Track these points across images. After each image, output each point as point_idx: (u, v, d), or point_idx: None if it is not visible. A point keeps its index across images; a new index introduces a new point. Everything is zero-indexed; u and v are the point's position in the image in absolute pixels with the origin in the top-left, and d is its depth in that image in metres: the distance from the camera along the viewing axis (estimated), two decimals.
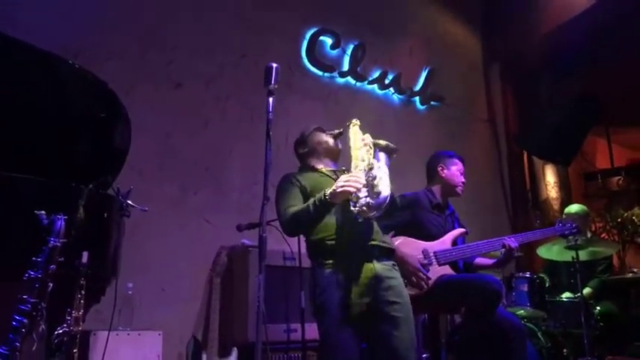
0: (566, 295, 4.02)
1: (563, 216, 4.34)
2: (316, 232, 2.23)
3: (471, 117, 5.89)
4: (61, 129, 2.52)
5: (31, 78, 2.42)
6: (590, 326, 3.65)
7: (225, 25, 4.27)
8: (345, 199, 2.08)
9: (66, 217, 1.80)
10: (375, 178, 2.04)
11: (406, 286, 2.73)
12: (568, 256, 3.70)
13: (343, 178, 2.10)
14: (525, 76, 6.02)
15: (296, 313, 3.24)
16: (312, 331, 2.47)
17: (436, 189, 3.13)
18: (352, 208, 2.05)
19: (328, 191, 2.09)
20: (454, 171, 3.11)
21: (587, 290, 4.02)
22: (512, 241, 2.92)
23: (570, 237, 3.38)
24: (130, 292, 3.22)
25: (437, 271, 2.79)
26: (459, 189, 3.11)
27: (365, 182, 2.06)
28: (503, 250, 2.91)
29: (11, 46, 2.27)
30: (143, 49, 3.84)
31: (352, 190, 2.04)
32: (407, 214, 2.93)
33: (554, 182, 5.85)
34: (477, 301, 2.67)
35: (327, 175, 2.37)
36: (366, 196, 2.04)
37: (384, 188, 2.04)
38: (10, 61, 2.32)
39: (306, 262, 2.47)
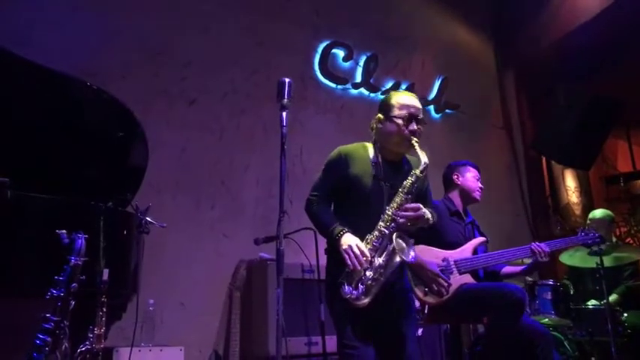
0: (591, 303, 3.93)
1: (588, 222, 4.25)
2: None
3: (487, 124, 5.85)
4: (81, 148, 2.57)
5: (50, 99, 2.47)
6: (618, 334, 3.56)
7: (236, 41, 4.32)
8: None
9: (86, 235, 1.82)
10: (380, 267, 2.01)
11: (426, 294, 2.71)
12: (592, 262, 3.62)
13: (353, 246, 2.02)
14: (540, 81, 5.97)
15: (316, 326, 3.23)
16: (332, 343, 2.45)
17: (454, 196, 3.12)
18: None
19: (342, 237, 2.05)
20: (469, 177, 3.11)
21: (613, 297, 3.93)
22: (542, 246, 2.88)
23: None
24: (151, 308, 3.24)
25: (458, 280, 2.76)
26: (476, 194, 3.10)
27: (369, 265, 2.01)
28: (533, 256, 2.87)
29: (31, 69, 2.33)
30: (157, 67, 3.90)
31: (352, 266, 2.00)
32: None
33: (575, 187, 5.75)
34: (500, 310, 2.62)
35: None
36: (369, 279, 1.99)
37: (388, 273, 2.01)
38: (30, 83, 2.38)
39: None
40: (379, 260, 2.02)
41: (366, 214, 2.11)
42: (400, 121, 2.18)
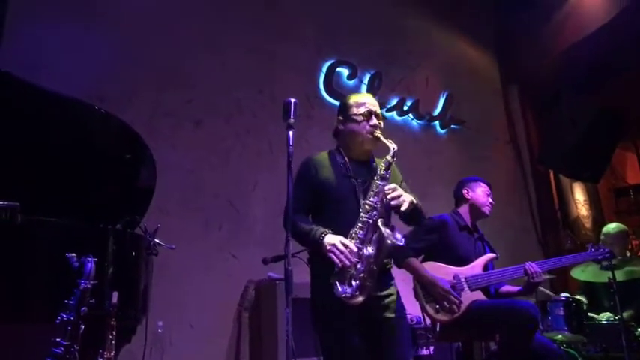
0: (605, 318, 3.86)
1: (602, 236, 4.19)
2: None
3: (493, 139, 5.85)
4: (90, 172, 2.59)
5: (59, 124, 2.51)
6: (632, 349, 3.49)
7: (241, 61, 4.38)
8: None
9: (96, 259, 1.83)
10: (370, 257, 2.00)
11: (437, 312, 2.68)
12: (604, 276, 3.57)
13: (337, 243, 2.00)
14: (544, 95, 5.97)
15: None
16: None
17: (463, 211, 3.11)
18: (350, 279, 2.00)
19: (324, 239, 2.03)
20: (479, 192, 3.11)
21: (627, 312, 3.86)
22: (533, 267, 2.83)
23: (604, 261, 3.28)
24: (160, 330, 3.23)
25: (469, 297, 2.73)
26: (486, 209, 3.09)
27: (357, 258, 1.99)
28: (526, 276, 2.83)
29: (40, 95, 2.37)
30: (162, 89, 3.96)
31: (340, 264, 1.98)
32: (434, 237, 2.91)
33: (584, 200, 5.70)
34: (512, 327, 2.59)
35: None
36: (361, 272, 1.98)
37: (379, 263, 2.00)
38: (39, 107, 2.42)
39: None
40: (368, 250, 2.01)
41: (344, 213, 2.11)
42: (360, 118, 2.24)
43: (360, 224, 2.06)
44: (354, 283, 1.98)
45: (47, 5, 3.64)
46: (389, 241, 1.99)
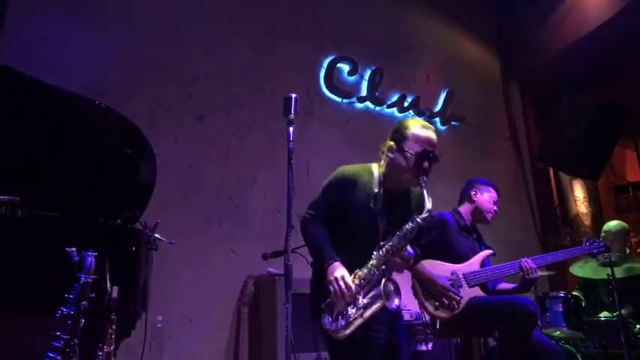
0: (604, 315, 3.87)
1: (602, 233, 4.20)
2: None
3: (493, 135, 5.84)
4: (90, 166, 2.59)
5: (60, 118, 2.50)
6: (631, 346, 3.50)
7: (242, 57, 4.37)
8: None
9: (96, 253, 1.83)
10: (363, 307, 1.98)
11: (437, 309, 2.69)
12: (603, 273, 3.58)
13: (339, 279, 1.97)
14: (544, 92, 5.97)
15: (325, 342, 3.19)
16: None
17: (464, 211, 3.11)
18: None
19: (330, 266, 2.01)
20: (486, 197, 3.11)
21: (626, 309, 3.87)
22: (528, 262, 2.83)
23: (599, 255, 3.28)
24: (159, 325, 3.24)
25: (467, 293, 2.74)
26: (489, 215, 3.09)
27: (352, 301, 1.98)
28: (522, 273, 2.83)
29: (40, 90, 2.36)
30: (163, 84, 3.95)
31: (334, 298, 1.98)
32: (435, 234, 2.91)
33: (584, 197, 5.71)
34: (511, 324, 2.59)
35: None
36: (350, 316, 1.97)
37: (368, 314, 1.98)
38: (40, 102, 2.41)
39: None
40: (363, 301, 1.99)
41: (358, 245, 2.08)
42: (412, 157, 2.10)
43: (366, 270, 2.03)
44: (340, 321, 1.97)
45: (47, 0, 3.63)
46: (380, 303, 1.98)
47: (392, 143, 2.18)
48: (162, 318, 3.31)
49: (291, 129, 2.12)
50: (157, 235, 2.50)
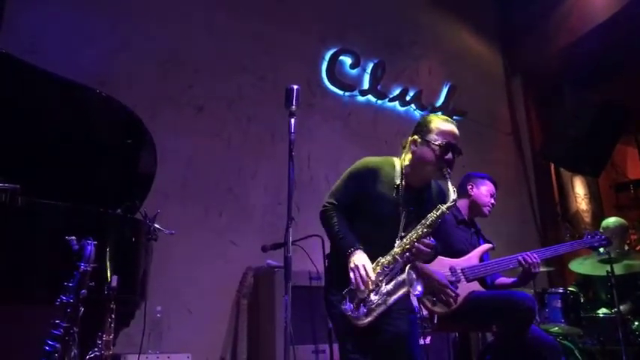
0: (602, 311, 3.88)
1: (601, 230, 4.19)
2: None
3: (495, 130, 5.83)
4: (90, 155, 2.58)
5: (60, 106, 2.50)
6: (629, 342, 3.51)
7: (243, 48, 4.34)
8: None
9: (95, 242, 1.83)
10: (386, 293, 2.00)
11: (434, 304, 2.69)
12: (602, 270, 3.58)
13: (360, 267, 2.00)
14: (547, 87, 5.94)
15: (324, 334, 3.20)
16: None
17: (462, 205, 3.09)
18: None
19: (353, 254, 2.03)
20: (483, 190, 3.09)
21: (624, 305, 3.88)
22: (530, 257, 2.82)
23: (601, 249, 3.27)
24: (158, 315, 3.25)
25: (466, 288, 2.74)
26: (486, 209, 3.07)
27: (374, 287, 2.00)
28: (521, 267, 2.82)
29: (40, 77, 2.35)
30: (164, 74, 3.93)
31: (355, 285, 1.99)
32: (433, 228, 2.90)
33: (584, 194, 5.70)
34: (509, 318, 2.60)
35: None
36: (373, 303, 1.99)
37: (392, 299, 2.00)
38: (40, 90, 2.41)
39: None
40: (387, 287, 2.01)
41: (380, 236, 2.10)
42: (437, 149, 2.13)
43: (390, 257, 2.05)
44: (362, 308, 1.99)
45: None
46: (404, 289, 1.99)
47: (416, 137, 2.21)
48: (161, 308, 3.32)
49: (292, 121, 2.12)
50: (156, 225, 2.50)
